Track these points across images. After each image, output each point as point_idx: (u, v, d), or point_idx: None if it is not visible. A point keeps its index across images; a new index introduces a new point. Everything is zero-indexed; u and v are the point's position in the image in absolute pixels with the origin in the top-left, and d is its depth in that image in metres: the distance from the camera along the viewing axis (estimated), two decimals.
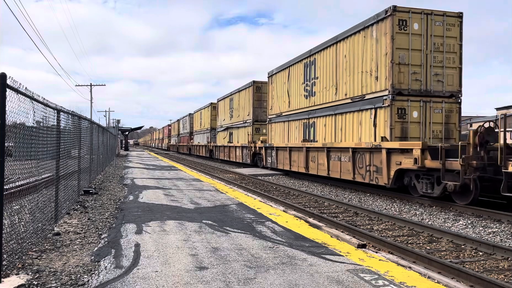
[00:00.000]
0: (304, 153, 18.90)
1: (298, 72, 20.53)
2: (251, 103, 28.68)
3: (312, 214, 10.09)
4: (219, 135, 38.24)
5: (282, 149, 21.97)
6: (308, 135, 19.34)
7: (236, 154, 31.37)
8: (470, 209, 10.61)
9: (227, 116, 35.67)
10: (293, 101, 21.13)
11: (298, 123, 20.52)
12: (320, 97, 17.93)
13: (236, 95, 32.54)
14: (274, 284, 4.36)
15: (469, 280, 5.48)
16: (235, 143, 32.17)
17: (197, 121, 50.75)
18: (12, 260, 4.74)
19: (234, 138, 33.31)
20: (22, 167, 5.10)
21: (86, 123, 12.85)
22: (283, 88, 22.48)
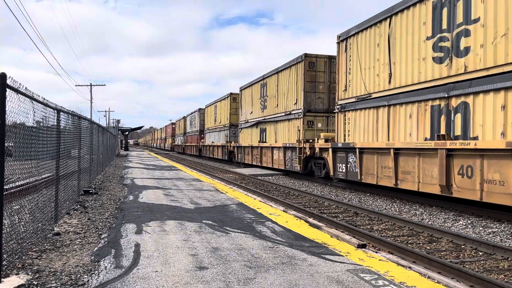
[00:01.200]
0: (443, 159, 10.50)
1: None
2: (300, 86, 20.26)
3: (312, 214, 10.09)
4: (244, 132, 30.36)
5: (376, 152, 13.46)
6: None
7: (274, 157, 23.14)
8: (470, 209, 10.61)
9: (256, 107, 27.28)
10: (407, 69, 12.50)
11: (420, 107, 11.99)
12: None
13: (272, 78, 24.31)
14: (274, 284, 4.36)
15: (469, 280, 5.48)
16: (272, 142, 24.14)
17: (210, 116, 43.52)
18: (12, 260, 4.74)
19: (269, 136, 25.04)
20: (22, 167, 5.09)
21: (86, 123, 12.85)
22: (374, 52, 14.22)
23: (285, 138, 22.34)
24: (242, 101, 31.14)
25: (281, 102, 22.97)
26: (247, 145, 28.79)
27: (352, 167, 14.93)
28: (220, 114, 38.33)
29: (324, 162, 17.49)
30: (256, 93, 27.56)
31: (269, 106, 24.90)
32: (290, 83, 21.68)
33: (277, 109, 23.47)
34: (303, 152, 19.05)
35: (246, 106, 29.98)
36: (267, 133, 25.54)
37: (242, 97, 31.02)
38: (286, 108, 22.24)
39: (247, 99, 29.79)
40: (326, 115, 20.28)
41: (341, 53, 16.34)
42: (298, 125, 20.52)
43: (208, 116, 44.44)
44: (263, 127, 26.19)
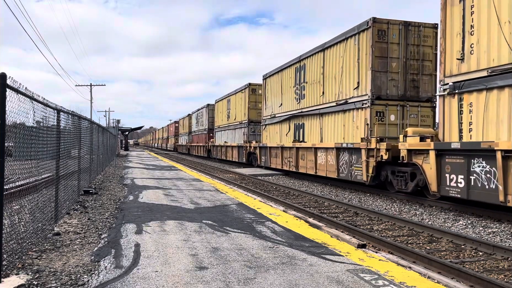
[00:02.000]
0: None
1: None
2: (365, 63, 14.63)
3: (312, 214, 10.09)
4: (269, 130, 24.92)
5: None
6: None
7: (319, 162, 17.70)
8: (470, 209, 10.61)
9: (288, 98, 21.85)
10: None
11: None
12: None
13: (315, 58, 18.57)
14: (274, 284, 4.36)
15: (469, 280, 5.48)
16: (315, 142, 18.38)
17: (221, 113, 38.10)
18: (12, 260, 4.74)
19: (308, 133, 19.43)
20: (22, 167, 5.09)
21: (86, 123, 12.85)
22: None
23: (337, 136, 16.62)
24: (266, 92, 25.35)
25: (330, 88, 17.16)
26: (274, 146, 23.16)
27: (482, 181, 9.66)
28: (235, 109, 32.77)
29: (413, 171, 12.30)
30: (288, 80, 21.88)
31: (310, 95, 19.13)
32: (346, 62, 15.89)
33: (324, 98, 17.67)
34: (375, 155, 13.51)
35: (273, 97, 24.30)
36: (305, 130, 19.67)
37: (267, 87, 25.21)
38: (338, 95, 16.41)
39: (274, 89, 24.03)
40: (402, 103, 14.66)
41: (452, 6, 11.13)
42: (362, 117, 14.74)
43: (219, 112, 38.72)
44: (299, 123, 20.46)
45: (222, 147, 36.32)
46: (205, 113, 44.45)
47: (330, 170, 16.85)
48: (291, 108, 21.47)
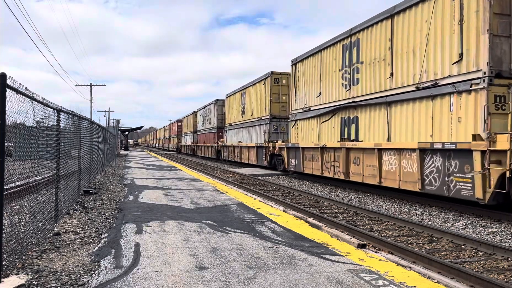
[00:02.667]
0: None
1: None
2: (477, 25, 10.05)
3: (312, 214, 10.08)
4: (301, 126, 19.99)
5: None
6: None
7: (384, 168, 13.13)
8: (470, 209, 10.61)
9: (331, 86, 16.98)
10: None
11: None
12: None
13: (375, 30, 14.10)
14: (274, 284, 4.36)
15: (469, 280, 5.48)
16: (378, 141, 13.67)
17: (234, 108, 33.21)
18: (12, 260, 4.74)
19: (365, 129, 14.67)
20: (22, 167, 5.09)
21: (86, 123, 12.85)
22: None
23: (419, 132, 11.90)
24: (297, 80, 20.49)
25: (404, 67, 12.58)
26: (310, 146, 18.28)
27: None
28: (252, 104, 28.00)
29: None
30: (331, 62, 16.89)
31: (367, 79, 14.33)
32: (436, 27, 11.32)
33: (392, 81, 13.05)
34: (508, 161, 8.78)
35: (307, 86, 19.41)
36: (360, 125, 14.91)
37: (298, 75, 20.38)
38: (420, 76, 11.82)
39: (309, 76, 19.15)
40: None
41: None
42: (471, 105, 10.17)
43: (231, 108, 33.88)
44: (349, 116, 15.61)
45: (236, 147, 31.61)
46: (213, 110, 39.54)
47: (406, 181, 12.06)
48: (336, 97, 16.45)
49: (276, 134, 24.83)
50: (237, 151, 31.36)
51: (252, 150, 27.76)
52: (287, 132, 23.89)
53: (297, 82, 20.77)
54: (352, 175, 15.00)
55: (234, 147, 32.15)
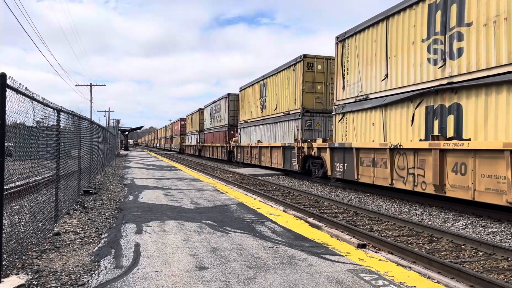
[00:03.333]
0: None
1: None
2: None
3: (312, 214, 10.09)
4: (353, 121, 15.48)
5: None
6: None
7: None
8: (470, 209, 10.61)
9: (406, 64, 12.59)
10: None
11: None
12: None
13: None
14: (274, 284, 4.36)
15: (469, 280, 5.48)
16: (505, 139, 9.02)
17: (250, 103, 28.77)
18: (12, 260, 4.74)
19: (475, 122, 10.05)
20: (22, 167, 5.09)
21: (86, 123, 12.85)
22: None
23: None
24: (345, 61, 15.93)
25: None
26: (371, 147, 13.88)
27: None
28: (277, 96, 23.42)
29: None
30: (407, 31, 12.54)
31: (479, 45, 9.99)
32: None
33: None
34: None
35: (362, 68, 14.87)
36: (464, 116, 10.45)
37: (348, 53, 15.78)
38: None
39: (369, 53, 14.50)
40: None
41: None
42: None
43: (247, 102, 29.34)
44: (446, 104, 11.08)
45: (254, 148, 26.97)
46: (224, 105, 35.21)
47: None
48: (418, 79, 12.04)
49: (309, 132, 20.22)
50: (255, 152, 26.62)
51: (276, 151, 22.96)
52: (323, 130, 20.37)
53: (346, 64, 15.90)
54: (450, 189, 10.47)
55: (252, 147, 27.43)
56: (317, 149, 17.93)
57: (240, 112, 31.79)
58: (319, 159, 18.12)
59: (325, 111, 20.16)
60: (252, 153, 27.42)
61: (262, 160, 25.57)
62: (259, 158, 25.88)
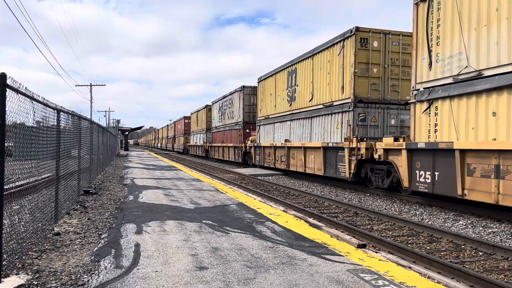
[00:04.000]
0: None
1: None
2: None
3: (312, 214, 10.09)
4: (452, 109, 10.49)
5: None
6: None
7: None
8: (470, 209, 10.61)
9: None
10: None
11: None
12: None
13: None
14: (274, 284, 4.36)
15: (469, 280, 5.48)
16: None
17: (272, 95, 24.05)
18: (12, 260, 4.74)
19: None
20: (22, 167, 5.09)
21: (86, 123, 12.85)
22: None
23: None
24: (436, 25, 11.26)
25: None
26: (498, 150, 8.99)
27: None
28: (313, 84, 18.87)
29: None
30: None
31: None
32: None
33: None
34: None
35: (477, 29, 9.92)
36: None
37: (447, 10, 10.86)
38: None
39: (487, 4, 9.63)
40: None
41: None
42: None
43: (269, 95, 24.56)
44: None
45: (279, 148, 22.01)
46: (237, 100, 30.93)
47: None
48: None
49: (363, 129, 15.68)
50: (281, 153, 21.68)
51: (313, 153, 18.18)
52: (380, 125, 15.97)
53: (435, 31, 11.20)
54: None
55: (276, 148, 22.36)
56: (384, 151, 13.11)
57: (258, 107, 26.83)
58: (384, 165, 13.52)
59: (384, 101, 15.80)
60: (277, 155, 22.30)
61: (290, 164, 20.50)
62: (287, 161, 20.76)
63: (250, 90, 30.15)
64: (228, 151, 33.56)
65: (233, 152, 32.05)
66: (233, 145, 31.92)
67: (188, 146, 54.34)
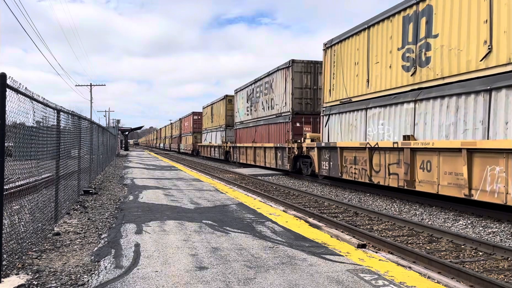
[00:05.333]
0: None
1: None
2: None
3: (312, 214, 10.09)
4: None
5: None
6: None
7: None
8: (470, 209, 10.61)
9: None
10: None
11: None
12: None
13: None
14: (274, 284, 4.36)
15: (469, 280, 5.48)
16: None
17: (360, 64, 14.67)
18: (12, 260, 4.74)
19: None
20: (22, 167, 5.09)
21: (86, 123, 12.85)
22: None
23: None
24: None
25: None
26: None
27: None
28: (469, 31, 9.91)
29: None
30: None
31: None
32: None
33: None
34: None
35: None
36: None
37: None
38: None
39: None
40: None
41: None
42: None
43: (347, 66, 15.58)
44: None
45: (377, 151, 13.26)
46: (281, 81, 22.03)
47: None
48: None
49: None
50: (392, 159, 12.52)
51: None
52: None
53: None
54: None
55: (376, 151, 13.36)
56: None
57: (325, 87, 17.20)
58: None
59: None
60: (376, 164, 13.41)
61: (416, 181, 11.50)
62: (411, 175, 11.61)
63: (303, 66, 20.98)
64: (265, 153, 24.35)
65: (274, 155, 22.85)
66: (275, 146, 22.65)
67: (200, 146, 46.71)
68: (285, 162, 21.51)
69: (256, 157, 26.32)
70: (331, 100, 16.97)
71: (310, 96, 21.40)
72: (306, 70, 21.33)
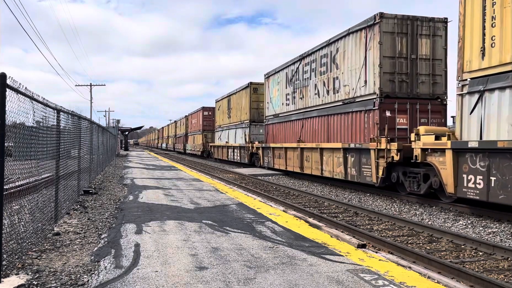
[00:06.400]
0: None
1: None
2: None
3: (312, 214, 10.08)
4: None
5: None
6: None
7: None
8: (470, 209, 10.61)
9: None
10: None
11: None
12: None
13: None
14: (274, 284, 4.36)
15: (469, 280, 5.48)
16: None
17: None
18: (12, 260, 4.74)
19: None
20: (22, 167, 5.09)
21: (86, 123, 12.85)
22: None
23: None
24: None
25: None
26: None
27: None
28: None
29: None
30: None
31: None
32: None
33: None
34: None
35: None
36: None
37: None
38: None
39: None
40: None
41: None
42: None
43: None
44: None
45: None
46: (352, 51, 15.15)
47: None
48: None
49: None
50: None
51: None
52: None
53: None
54: None
55: None
56: None
57: (476, 43, 9.85)
58: None
59: None
60: None
61: None
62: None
63: (396, 25, 13.73)
64: (322, 158, 17.15)
65: (343, 160, 15.40)
66: (344, 147, 15.28)
67: (212, 147, 39.38)
68: (366, 171, 14.00)
69: (304, 162, 18.88)
70: (488, 66, 9.53)
71: (406, 71, 13.86)
72: (401, 30, 13.84)
